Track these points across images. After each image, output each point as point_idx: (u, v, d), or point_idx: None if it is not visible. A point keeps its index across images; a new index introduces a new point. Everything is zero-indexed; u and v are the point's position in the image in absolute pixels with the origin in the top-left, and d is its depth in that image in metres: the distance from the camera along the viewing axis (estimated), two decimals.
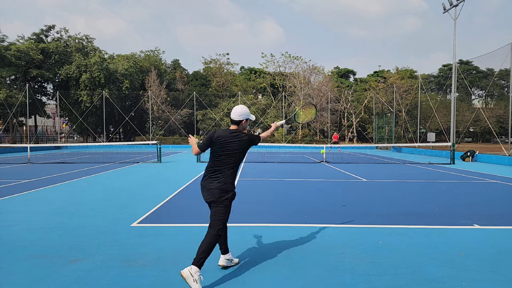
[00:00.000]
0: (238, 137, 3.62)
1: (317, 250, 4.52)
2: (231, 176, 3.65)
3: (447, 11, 25.41)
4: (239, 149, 3.62)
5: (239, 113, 3.68)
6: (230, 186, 3.62)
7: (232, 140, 3.59)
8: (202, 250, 3.48)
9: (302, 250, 4.52)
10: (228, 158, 3.59)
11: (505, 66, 23.27)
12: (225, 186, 3.58)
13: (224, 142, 3.59)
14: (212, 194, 3.61)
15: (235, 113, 3.69)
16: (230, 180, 3.63)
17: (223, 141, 3.59)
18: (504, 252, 4.48)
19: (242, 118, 3.68)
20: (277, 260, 4.17)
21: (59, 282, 3.54)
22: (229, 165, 3.60)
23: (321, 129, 49.39)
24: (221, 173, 3.60)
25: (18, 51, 39.07)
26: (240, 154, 3.66)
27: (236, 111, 3.70)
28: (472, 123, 45.29)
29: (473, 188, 9.87)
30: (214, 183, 3.59)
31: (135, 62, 47.42)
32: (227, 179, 3.60)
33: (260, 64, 52.78)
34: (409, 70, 53.02)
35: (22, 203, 7.55)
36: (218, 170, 3.61)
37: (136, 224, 5.78)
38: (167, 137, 42.93)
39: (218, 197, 3.61)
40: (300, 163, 18.21)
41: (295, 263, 4.07)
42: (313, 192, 9.00)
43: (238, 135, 3.63)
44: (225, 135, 3.62)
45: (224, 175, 3.60)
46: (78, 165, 16.69)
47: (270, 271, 3.84)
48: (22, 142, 46.14)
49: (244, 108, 3.73)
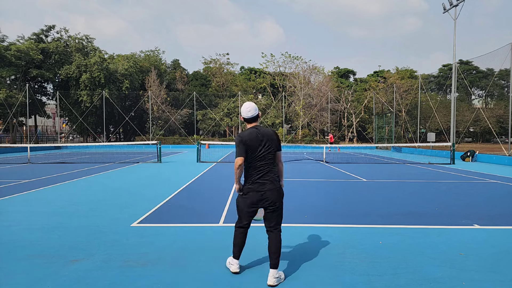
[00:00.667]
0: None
1: (317, 250, 4.52)
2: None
3: (447, 11, 25.42)
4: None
5: (255, 107, 3.65)
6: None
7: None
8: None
9: (302, 250, 4.52)
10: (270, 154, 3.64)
11: (505, 66, 23.28)
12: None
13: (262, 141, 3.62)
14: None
15: (249, 109, 3.62)
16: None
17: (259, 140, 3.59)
18: (504, 252, 4.48)
19: (258, 111, 3.70)
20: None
21: (59, 282, 3.54)
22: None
23: (321, 129, 49.38)
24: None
25: (18, 51, 39.07)
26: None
27: (252, 106, 3.63)
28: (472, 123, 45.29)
29: (473, 188, 9.87)
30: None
31: (135, 62, 47.42)
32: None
33: (260, 64, 52.87)
34: (409, 70, 53.00)
35: (22, 203, 7.55)
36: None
37: (136, 224, 5.78)
38: (167, 137, 42.91)
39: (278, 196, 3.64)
40: (300, 163, 18.21)
41: (295, 263, 4.07)
42: (313, 192, 9.00)
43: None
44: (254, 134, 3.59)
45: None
46: (78, 165, 16.69)
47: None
48: (22, 142, 46.13)
49: (253, 103, 3.72)
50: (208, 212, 6.68)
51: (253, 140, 3.52)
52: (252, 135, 3.53)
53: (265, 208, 3.60)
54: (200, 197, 8.29)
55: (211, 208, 7.01)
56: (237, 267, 3.74)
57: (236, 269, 3.73)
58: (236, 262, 3.77)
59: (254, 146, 3.51)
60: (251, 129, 3.59)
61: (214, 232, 5.32)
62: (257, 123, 3.68)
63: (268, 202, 3.55)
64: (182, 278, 3.63)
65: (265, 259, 4.19)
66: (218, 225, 5.75)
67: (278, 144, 3.66)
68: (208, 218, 6.17)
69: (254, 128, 3.60)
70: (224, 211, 6.68)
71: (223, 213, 6.55)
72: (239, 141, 3.52)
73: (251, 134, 3.54)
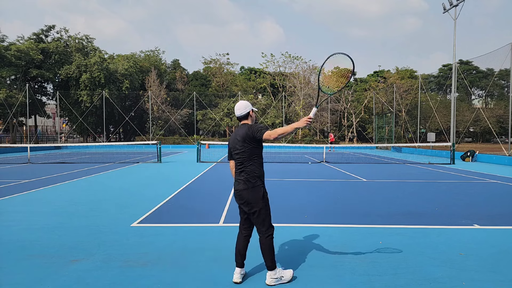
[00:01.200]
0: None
1: (317, 250, 4.52)
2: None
3: (447, 11, 25.41)
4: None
5: (244, 106, 3.56)
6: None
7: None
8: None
9: (302, 250, 4.52)
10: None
11: (505, 66, 23.27)
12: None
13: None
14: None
15: (238, 108, 3.57)
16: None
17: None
18: (504, 252, 4.48)
19: (249, 109, 3.57)
20: (277, 260, 4.16)
21: (59, 282, 3.54)
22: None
23: (321, 129, 49.38)
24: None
25: (18, 51, 39.06)
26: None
27: (240, 105, 3.57)
28: (472, 123, 45.27)
29: (473, 188, 9.87)
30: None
31: (135, 62, 47.41)
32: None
33: (260, 64, 52.79)
34: (409, 70, 53.00)
35: (22, 203, 7.55)
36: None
37: (136, 224, 5.78)
38: (167, 137, 42.91)
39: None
40: (300, 163, 18.21)
41: (295, 263, 4.07)
42: (313, 192, 9.00)
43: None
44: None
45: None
46: (78, 165, 16.69)
47: None
48: (22, 142, 46.12)
49: (246, 101, 3.64)
50: (208, 212, 6.68)
51: (231, 140, 3.61)
52: (232, 135, 3.62)
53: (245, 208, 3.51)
54: (200, 197, 8.29)
55: (211, 208, 7.01)
56: (237, 277, 3.52)
57: (237, 279, 3.51)
58: (237, 271, 3.55)
59: (233, 145, 3.56)
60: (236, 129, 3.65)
61: (214, 232, 5.32)
62: (247, 121, 3.59)
63: (242, 202, 3.48)
64: (182, 278, 3.63)
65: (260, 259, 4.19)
66: (218, 225, 5.75)
67: (252, 136, 3.38)
68: (208, 218, 6.17)
69: (239, 127, 3.60)
70: (224, 211, 6.68)
71: (223, 213, 6.55)
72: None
73: (232, 135, 3.63)
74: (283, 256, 4.30)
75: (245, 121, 3.59)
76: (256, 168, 3.46)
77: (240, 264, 3.56)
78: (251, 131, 3.40)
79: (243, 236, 3.62)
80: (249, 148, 3.43)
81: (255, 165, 3.46)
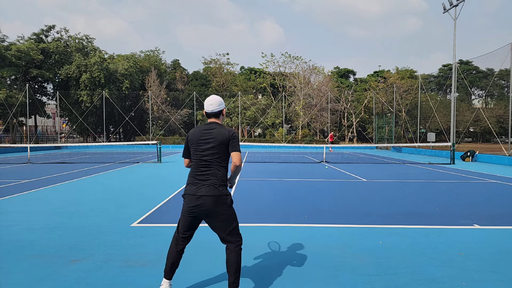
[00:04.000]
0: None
1: (317, 250, 4.52)
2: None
3: (447, 11, 25.40)
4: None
5: (218, 101, 3.22)
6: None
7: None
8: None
9: (302, 250, 4.52)
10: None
11: (505, 66, 23.27)
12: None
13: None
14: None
15: (211, 102, 3.22)
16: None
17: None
18: (504, 252, 4.48)
19: (223, 107, 3.27)
20: (276, 260, 4.17)
21: (59, 282, 3.54)
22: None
23: (321, 129, 49.37)
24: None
25: (18, 51, 39.05)
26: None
27: (215, 100, 3.22)
28: (472, 123, 45.27)
29: (473, 188, 9.87)
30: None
31: (135, 62, 47.41)
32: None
33: (260, 64, 52.77)
34: (409, 70, 52.99)
35: (22, 203, 7.55)
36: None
37: (136, 224, 5.78)
38: (167, 137, 42.89)
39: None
40: (300, 163, 18.21)
41: (295, 263, 4.07)
42: (313, 192, 9.00)
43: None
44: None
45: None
46: (78, 165, 16.69)
47: (270, 271, 3.84)
48: (22, 142, 46.11)
49: (220, 97, 3.30)
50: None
51: (196, 137, 3.16)
52: (196, 132, 3.18)
53: (205, 217, 3.15)
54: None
55: None
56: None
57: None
58: (166, 283, 3.19)
59: (196, 144, 3.14)
60: (201, 125, 3.21)
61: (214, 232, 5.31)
62: (216, 119, 3.24)
63: (203, 209, 3.07)
64: (182, 278, 3.63)
65: (260, 259, 4.19)
66: None
67: (233, 145, 3.11)
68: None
69: (208, 124, 3.21)
70: None
71: None
72: (186, 138, 3.27)
73: (196, 131, 3.20)
74: (283, 256, 4.30)
75: (215, 119, 3.23)
76: (225, 174, 3.18)
77: (170, 276, 3.23)
78: (234, 141, 3.14)
79: (182, 246, 3.24)
80: (225, 152, 3.13)
81: (225, 170, 3.17)
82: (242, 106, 44.65)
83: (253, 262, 4.09)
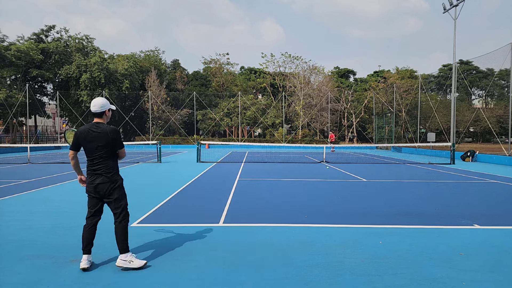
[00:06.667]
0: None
1: (317, 250, 4.52)
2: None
3: (447, 11, 25.41)
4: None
5: (100, 104, 3.88)
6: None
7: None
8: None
9: (302, 250, 4.52)
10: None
11: (505, 66, 23.27)
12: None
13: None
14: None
15: (94, 104, 3.89)
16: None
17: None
18: (504, 252, 4.48)
19: (105, 109, 3.92)
20: (276, 260, 4.17)
21: (59, 282, 3.54)
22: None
23: (321, 129, 49.38)
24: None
25: (18, 51, 39.04)
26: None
27: (97, 102, 3.89)
28: (472, 123, 45.24)
29: (473, 188, 9.87)
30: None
31: (135, 62, 47.38)
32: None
33: (260, 64, 52.69)
34: (409, 70, 52.98)
35: (22, 203, 7.55)
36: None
37: (136, 224, 5.78)
38: (167, 137, 42.90)
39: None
40: (300, 163, 18.21)
41: (295, 263, 4.07)
42: (313, 192, 9.00)
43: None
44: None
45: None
46: None
47: (270, 271, 3.84)
48: (22, 142, 46.11)
49: (104, 99, 3.97)
50: (208, 212, 6.68)
51: (84, 135, 3.83)
52: (84, 131, 3.84)
53: (103, 199, 3.93)
54: (200, 197, 8.29)
55: (211, 208, 7.01)
56: (85, 263, 3.79)
57: (84, 265, 3.78)
58: (85, 258, 3.83)
59: (85, 141, 3.83)
60: (89, 124, 3.89)
61: (214, 232, 5.32)
62: (101, 119, 3.93)
63: (101, 193, 3.88)
64: (182, 278, 3.63)
65: (260, 259, 4.19)
66: (218, 225, 5.75)
67: (116, 143, 3.90)
68: (208, 218, 6.17)
69: (94, 124, 3.88)
70: (224, 211, 6.68)
71: (223, 213, 6.55)
72: (74, 134, 3.91)
73: (84, 130, 3.85)
74: (283, 256, 4.30)
75: (99, 119, 3.92)
76: (116, 163, 3.98)
77: (88, 251, 3.87)
78: (119, 139, 3.94)
79: (93, 223, 3.97)
80: (113, 147, 3.88)
81: (114, 160, 3.96)
82: (242, 106, 44.67)
83: (253, 262, 4.09)
